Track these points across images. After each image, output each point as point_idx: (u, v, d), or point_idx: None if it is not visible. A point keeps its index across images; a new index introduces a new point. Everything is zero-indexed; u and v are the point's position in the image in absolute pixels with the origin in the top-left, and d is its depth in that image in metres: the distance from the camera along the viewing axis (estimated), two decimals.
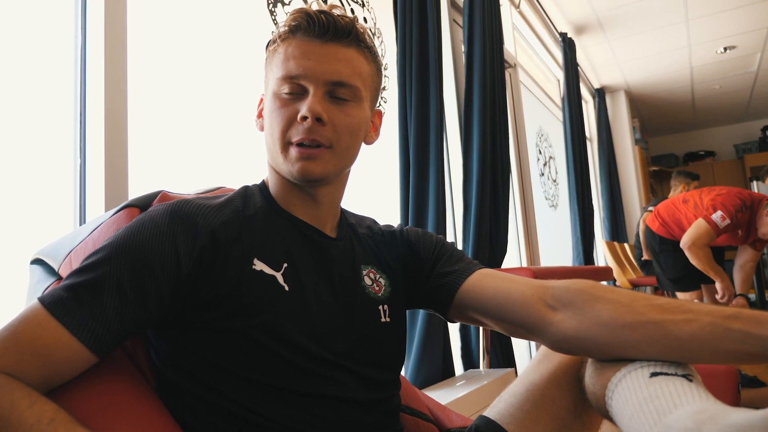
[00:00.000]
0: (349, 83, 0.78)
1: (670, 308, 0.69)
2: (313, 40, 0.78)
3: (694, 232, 2.86)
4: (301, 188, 0.82)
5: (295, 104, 0.77)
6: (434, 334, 2.04)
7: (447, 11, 2.92)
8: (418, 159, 2.16)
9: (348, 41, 0.80)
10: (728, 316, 0.65)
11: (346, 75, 0.78)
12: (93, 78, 1.22)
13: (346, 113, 0.79)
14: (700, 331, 0.66)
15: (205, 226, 0.72)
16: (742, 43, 5.37)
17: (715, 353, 0.66)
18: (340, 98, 0.78)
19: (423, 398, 1.09)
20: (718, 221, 2.81)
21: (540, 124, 4.65)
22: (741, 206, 2.82)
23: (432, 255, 0.91)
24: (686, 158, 8.69)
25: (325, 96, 0.77)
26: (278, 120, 0.77)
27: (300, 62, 0.77)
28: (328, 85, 0.77)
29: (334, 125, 0.77)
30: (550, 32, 4.65)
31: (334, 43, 0.78)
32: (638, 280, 4.67)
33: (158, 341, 0.75)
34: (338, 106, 0.78)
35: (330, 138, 0.77)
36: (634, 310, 0.71)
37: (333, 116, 0.77)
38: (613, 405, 0.68)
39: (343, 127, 0.78)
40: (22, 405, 0.56)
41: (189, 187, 1.12)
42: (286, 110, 0.77)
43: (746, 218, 2.86)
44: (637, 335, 0.69)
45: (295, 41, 0.78)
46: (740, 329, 0.63)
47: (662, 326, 0.68)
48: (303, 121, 0.75)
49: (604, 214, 5.77)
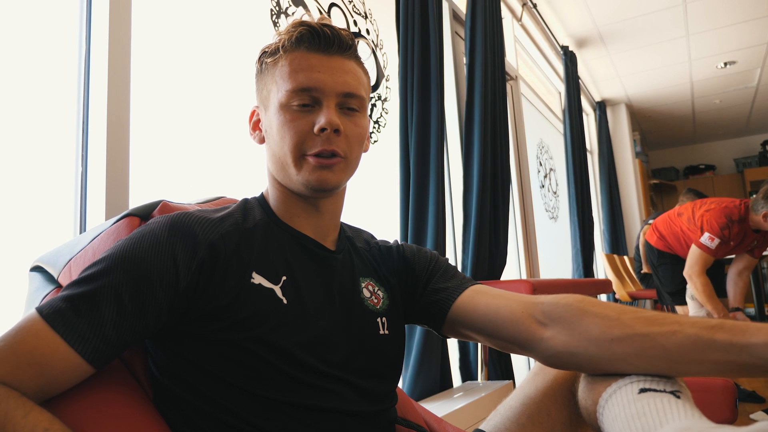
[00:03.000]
0: (357, 94, 0.80)
1: (656, 321, 0.71)
2: (318, 53, 0.79)
3: (691, 261, 2.91)
4: (305, 200, 0.82)
5: (307, 116, 0.77)
6: (432, 346, 2.03)
7: (449, 23, 2.94)
8: (419, 170, 2.17)
9: (349, 54, 0.81)
10: (713, 326, 0.67)
11: (354, 86, 0.80)
12: (96, 86, 1.23)
13: (356, 124, 0.80)
14: (685, 341, 0.67)
15: (204, 239, 0.73)
16: (742, 58, 5.40)
17: (701, 363, 0.67)
18: (350, 109, 0.80)
19: (420, 410, 1.09)
20: (707, 243, 2.86)
21: (541, 136, 4.66)
22: (727, 223, 2.84)
23: (426, 271, 0.91)
24: (686, 172, 8.71)
25: (337, 107, 0.79)
26: (291, 133, 0.77)
27: (311, 75, 0.77)
28: (340, 97, 0.79)
29: (347, 136, 0.79)
30: (552, 45, 4.67)
31: (338, 55, 0.80)
32: (638, 293, 4.66)
33: (156, 351, 0.75)
34: (349, 117, 0.80)
35: (344, 149, 0.78)
36: (622, 323, 0.72)
37: (346, 127, 0.79)
38: (604, 421, 0.69)
39: (354, 138, 0.80)
40: (17, 414, 0.56)
41: (190, 196, 1.13)
42: (299, 123, 0.77)
43: (737, 230, 2.87)
44: (626, 348, 0.70)
45: (300, 54, 0.79)
46: (724, 339, 0.65)
47: (649, 338, 0.69)
48: (320, 132, 0.76)
49: (604, 227, 5.77)
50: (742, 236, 2.91)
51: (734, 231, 2.85)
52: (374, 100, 2.24)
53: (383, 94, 2.32)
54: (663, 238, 3.21)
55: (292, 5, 1.85)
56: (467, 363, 2.42)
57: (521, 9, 4.04)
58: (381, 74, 2.32)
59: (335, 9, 2.08)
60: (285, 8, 1.82)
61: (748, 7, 4.40)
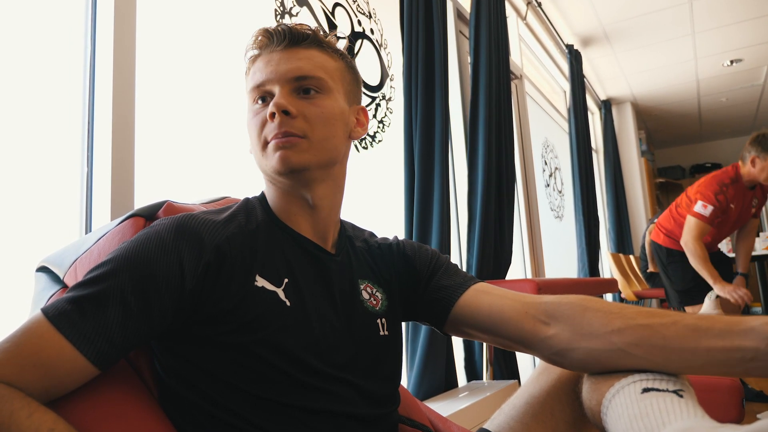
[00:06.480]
0: (311, 75, 0.80)
1: (658, 314, 0.73)
2: (274, 51, 0.81)
3: (687, 229, 2.95)
4: (294, 193, 0.82)
5: (264, 109, 0.80)
6: (437, 345, 2.03)
7: (453, 22, 2.93)
8: (423, 169, 2.17)
9: (307, 43, 0.82)
10: (712, 317, 0.69)
11: (308, 69, 0.80)
12: (101, 87, 1.24)
13: (315, 104, 0.80)
14: (684, 329, 0.69)
15: (210, 241, 0.73)
16: (748, 56, 5.37)
17: (695, 352, 0.68)
18: (307, 90, 0.80)
19: (424, 410, 1.09)
20: (701, 211, 2.89)
21: (546, 135, 4.65)
22: (720, 189, 2.88)
23: (428, 268, 0.91)
24: (693, 170, 8.66)
25: (292, 92, 0.79)
26: (253, 126, 0.80)
27: (264, 71, 0.80)
28: (292, 82, 0.79)
29: (305, 116, 0.78)
30: (557, 44, 4.66)
31: (293, 47, 0.81)
32: (644, 292, 4.64)
33: (162, 352, 0.75)
34: (307, 99, 0.80)
35: (303, 128, 0.78)
36: (623, 315, 0.74)
37: (302, 109, 0.78)
38: (608, 421, 0.69)
39: (314, 117, 0.79)
40: (21, 415, 0.56)
41: (194, 196, 1.13)
42: (258, 116, 0.80)
43: (733, 192, 2.90)
44: (625, 338, 0.72)
45: (260, 57, 0.82)
46: (721, 326, 0.67)
47: (650, 328, 0.71)
48: (272, 118, 0.77)
49: (610, 226, 5.75)
50: (741, 197, 2.94)
51: (730, 194, 2.88)
52: (378, 99, 2.24)
53: (387, 93, 2.32)
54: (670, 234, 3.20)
55: (296, 5, 1.86)
56: (472, 363, 2.41)
57: (526, 8, 4.03)
58: (385, 74, 2.32)
59: (339, 9, 2.08)
60: (289, 8, 1.83)
61: (753, 4, 4.38)
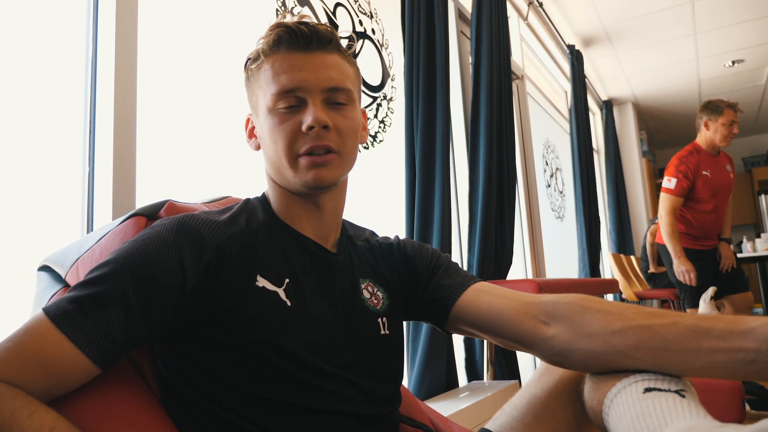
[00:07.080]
0: (342, 87, 0.80)
1: (658, 314, 0.71)
2: (298, 52, 0.78)
3: (660, 204, 3.10)
4: (305, 198, 0.82)
5: (295, 117, 0.77)
6: (438, 345, 2.03)
7: (455, 23, 2.93)
8: (424, 169, 2.17)
9: (330, 48, 0.81)
10: (712, 318, 0.68)
11: (339, 80, 0.79)
12: (103, 86, 1.24)
13: (345, 117, 0.80)
14: (685, 330, 0.68)
15: (211, 241, 0.73)
16: (750, 56, 5.37)
17: (696, 353, 0.66)
18: (338, 103, 0.80)
19: (425, 410, 1.09)
20: (667, 185, 3.05)
21: (547, 135, 4.65)
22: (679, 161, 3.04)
23: (428, 267, 0.92)
24: None
25: (323, 103, 0.78)
26: (282, 135, 0.77)
27: (293, 75, 0.77)
28: (325, 93, 0.78)
29: (339, 130, 0.78)
30: (558, 44, 4.66)
31: (319, 51, 0.79)
32: (644, 293, 4.64)
33: (164, 352, 0.75)
34: (337, 111, 0.79)
35: (337, 143, 0.78)
36: (623, 316, 0.72)
37: (336, 122, 0.78)
38: (610, 421, 0.69)
39: (346, 131, 0.79)
40: (23, 414, 0.56)
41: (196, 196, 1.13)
42: (287, 124, 0.77)
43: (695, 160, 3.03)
44: (626, 339, 0.71)
45: (280, 56, 0.79)
46: (722, 327, 0.65)
47: (650, 329, 0.70)
48: (309, 131, 0.76)
49: (611, 226, 5.75)
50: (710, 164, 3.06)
51: (692, 162, 3.02)
52: (380, 99, 2.24)
53: (389, 93, 2.32)
54: None
55: (298, 5, 1.86)
56: (473, 363, 2.41)
57: (527, 8, 4.03)
58: (386, 74, 2.32)
59: (341, 9, 2.08)
60: (291, 8, 1.83)
61: (755, 5, 4.37)
